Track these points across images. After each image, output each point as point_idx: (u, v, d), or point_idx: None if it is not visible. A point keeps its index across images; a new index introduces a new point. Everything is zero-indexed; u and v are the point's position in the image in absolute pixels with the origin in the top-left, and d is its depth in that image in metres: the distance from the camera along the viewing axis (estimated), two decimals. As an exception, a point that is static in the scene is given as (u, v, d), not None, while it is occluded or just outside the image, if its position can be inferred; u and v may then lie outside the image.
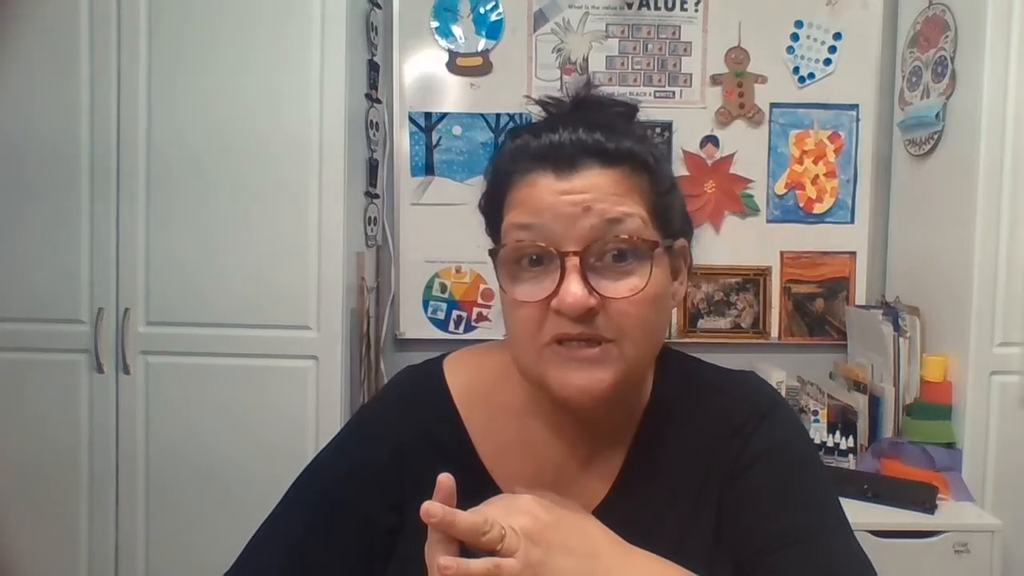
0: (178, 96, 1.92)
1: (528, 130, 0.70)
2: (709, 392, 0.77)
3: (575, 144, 0.67)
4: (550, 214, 0.65)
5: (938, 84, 2.04)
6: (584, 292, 0.63)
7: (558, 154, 0.66)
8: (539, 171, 0.66)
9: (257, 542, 0.74)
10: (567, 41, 2.28)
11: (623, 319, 0.65)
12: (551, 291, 0.64)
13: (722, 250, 2.30)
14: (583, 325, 0.64)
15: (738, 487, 0.72)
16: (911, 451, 1.91)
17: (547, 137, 0.68)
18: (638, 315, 0.65)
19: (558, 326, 0.64)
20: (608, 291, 0.64)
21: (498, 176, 0.71)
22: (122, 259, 1.93)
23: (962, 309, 1.90)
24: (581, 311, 0.63)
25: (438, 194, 2.28)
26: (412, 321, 2.31)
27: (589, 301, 0.63)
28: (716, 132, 2.30)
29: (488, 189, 0.73)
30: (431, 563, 0.56)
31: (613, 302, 0.64)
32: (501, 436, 0.75)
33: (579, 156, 0.66)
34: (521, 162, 0.68)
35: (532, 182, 0.66)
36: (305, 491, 0.76)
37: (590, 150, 0.66)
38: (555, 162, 0.66)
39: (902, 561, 1.70)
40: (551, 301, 0.64)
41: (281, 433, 1.92)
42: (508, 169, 0.69)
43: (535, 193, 0.66)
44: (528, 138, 0.69)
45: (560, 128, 0.68)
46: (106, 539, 1.96)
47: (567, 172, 0.66)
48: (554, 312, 0.64)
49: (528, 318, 0.66)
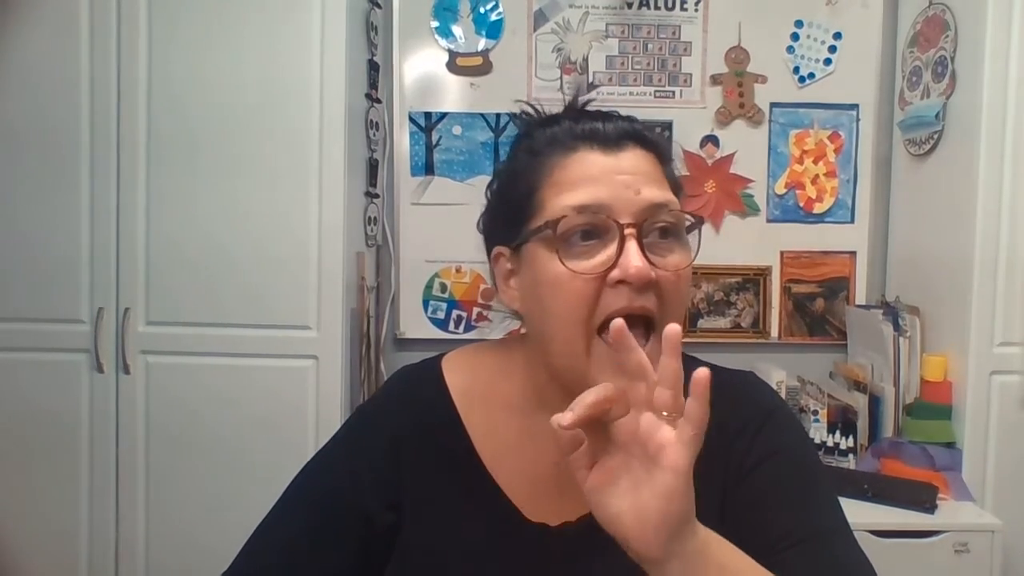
0: (178, 95, 1.92)
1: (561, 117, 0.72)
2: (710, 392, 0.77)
3: (617, 127, 0.69)
4: (607, 190, 0.66)
5: (938, 84, 2.03)
6: (646, 262, 0.64)
7: (604, 134, 0.68)
8: (586, 148, 0.68)
9: (255, 541, 0.74)
10: (567, 41, 2.28)
11: (669, 295, 0.66)
12: (609, 264, 0.65)
13: (722, 250, 2.30)
14: (643, 299, 0.65)
15: (741, 490, 0.72)
16: (911, 451, 1.91)
17: (588, 122, 0.70)
18: (681, 293, 0.67)
19: (617, 300, 0.65)
20: (659, 264, 0.65)
21: (536, 158, 0.70)
22: (122, 259, 1.93)
23: (962, 309, 1.90)
24: (646, 279, 0.64)
25: (438, 194, 2.28)
26: (412, 321, 2.31)
27: (651, 272, 0.64)
28: (716, 132, 2.30)
29: (518, 173, 0.72)
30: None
31: (661, 278, 0.65)
32: (501, 435, 0.75)
33: (622, 138, 0.69)
34: (564, 141, 0.69)
35: (580, 158, 0.68)
36: (303, 490, 0.76)
37: (631, 133, 0.69)
38: (604, 140, 0.68)
39: (902, 561, 1.70)
40: (610, 273, 0.64)
41: (281, 433, 1.92)
42: (547, 151, 0.70)
43: (587, 170, 0.67)
44: (568, 124, 0.71)
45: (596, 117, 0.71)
46: (106, 537, 1.96)
47: (615, 150, 0.68)
48: (611, 286, 0.65)
49: (583, 294, 0.65)
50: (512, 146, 0.77)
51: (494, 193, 0.76)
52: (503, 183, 0.74)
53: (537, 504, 0.74)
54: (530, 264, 0.69)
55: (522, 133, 0.76)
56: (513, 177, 0.72)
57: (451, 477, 0.73)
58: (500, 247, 0.73)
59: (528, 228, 0.69)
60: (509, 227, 0.71)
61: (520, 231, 0.70)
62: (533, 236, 0.68)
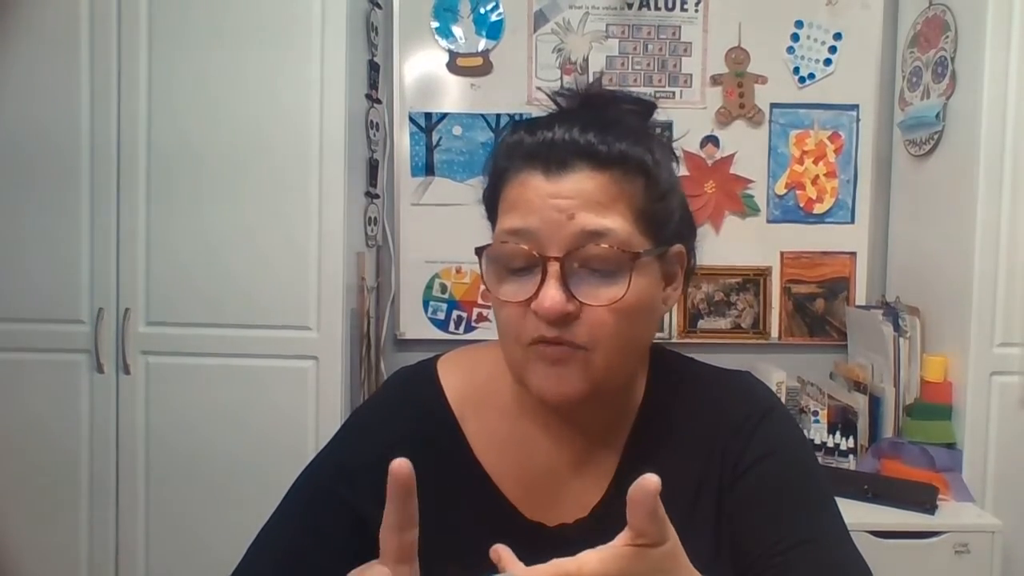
0: (178, 96, 1.92)
1: (525, 126, 0.70)
2: (705, 392, 0.77)
3: (567, 144, 0.66)
4: (536, 218, 0.65)
5: (938, 84, 2.03)
6: (562, 298, 0.63)
7: (549, 153, 0.66)
8: (529, 170, 0.67)
9: (256, 546, 0.75)
10: (567, 41, 2.28)
11: (599, 328, 0.65)
12: (532, 293, 0.65)
13: (722, 250, 2.29)
14: (559, 329, 0.65)
15: (738, 491, 0.72)
16: (911, 451, 1.91)
17: (541, 135, 0.68)
18: (615, 324, 0.65)
19: (536, 328, 0.65)
20: (587, 298, 0.65)
21: (495, 171, 0.71)
22: (122, 259, 1.93)
23: (962, 309, 1.90)
24: (558, 316, 0.64)
25: (438, 194, 2.28)
26: (412, 321, 2.31)
27: (567, 307, 0.64)
28: (716, 132, 2.30)
29: (487, 183, 0.73)
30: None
31: (591, 310, 0.65)
32: (496, 436, 0.75)
33: (570, 157, 0.66)
34: (515, 159, 0.69)
35: (522, 182, 0.67)
36: (301, 493, 0.76)
37: (581, 151, 0.66)
38: (545, 162, 0.66)
39: (902, 561, 1.70)
40: (531, 303, 0.65)
41: (281, 433, 1.92)
42: (503, 165, 0.70)
43: (524, 195, 0.66)
44: (523, 135, 0.69)
45: (556, 126, 0.67)
46: (106, 539, 1.96)
47: (556, 173, 0.66)
48: (533, 314, 0.65)
49: (512, 317, 0.67)
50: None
51: None
52: (484, 186, 0.75)
53: (534, 505, 0.74)
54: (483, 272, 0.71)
55: (504, 132, 0.76)
56: (486, 181, 0.74)
57: (448, 479, 0.73)
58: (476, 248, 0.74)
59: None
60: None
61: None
62: (480, 252, 0.69)
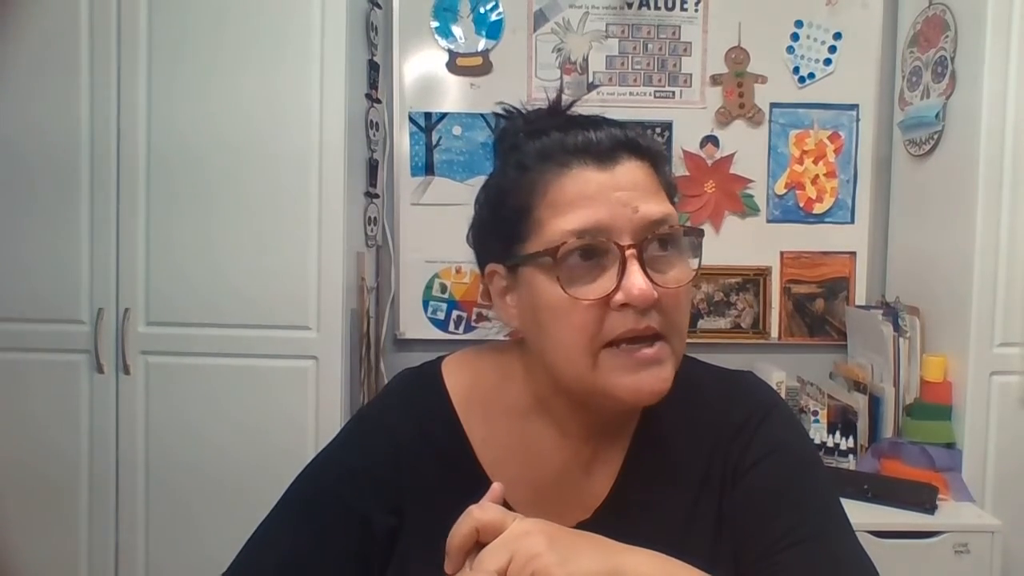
0: (178, 96, 1.92)
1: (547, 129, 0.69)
2: (707, 392, 0.77)
3: (610, 137, 0.67)
4: (605, 211, 0.64)
5: (938, 84, 2.03)
6: (648, 283, 0.63)
7: (597, 147, 0.66)
8: (579, 164, 0.66)
9: (254, 544, 0.74)
10: (567, 41, 2.28)
11: (672, 313, 0.65)
12: (611, 288, 0.63)
13: (722, 250, 2.30)
14: (647, 319, 0.64)
15: (740, 489, 0.72)
16: (911, 451, 1.91)
17: (580, 133, 0.67)
18: (682, 307, 0.66)
19: (622, 323, 0.64)
20: (660, 282, 0.64)
21: (527, 174, 0.68)
22: (122, 259, 1.93)
23: (962, 309, 1.90)
24: (650, 301, 0.63)
25: (438, 194, 2.28)
26: (412, 321, 2.30)
27: (654, 292, 0.63)
28: (716, 132, 2.30)
29: (508, 190, 0.69)
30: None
31: (666, 295, 0.64)
32: (501, 440, 0.75)
33: (616, 149, 0.66)
34: (556, 157, 0.67)
35: (575, 176, 0.65)
36: (302, 493, 0.76)
37: (624, 143, 0.67)
38: (596, 155, 0.66)
39: (902, 561, 1.70)
40: (613, 297, 0.63)
41: (281, 433, 1.92)
42: (538, 167, 0.67)
43: (585, 191, 0.65)
44: (558, 136, 0.68)
45: (586, 126, 0.68)
46: (106, 539, 1.95)
47: (609, 164, 0.65)
48: (616, 309, 0.63)
49: (587, 321, 0.64)
50: (499, 159, 0.74)
51: (483, 207, 0.74)
52: (494, 199, 0.72)
53: (536, 509, 0.73)
54: (528, 286, 0.67)
55: (509, 145, 0.73)
56: (504, 194, 0.70)
57: (451, 481, 0.72)
58: (495, 265, 0.72)
59: (525, 249, 0.67)
60: (503, 245, 0.70)
61: (515, 250, 0.68)
62: (531, 261, 0.66)
